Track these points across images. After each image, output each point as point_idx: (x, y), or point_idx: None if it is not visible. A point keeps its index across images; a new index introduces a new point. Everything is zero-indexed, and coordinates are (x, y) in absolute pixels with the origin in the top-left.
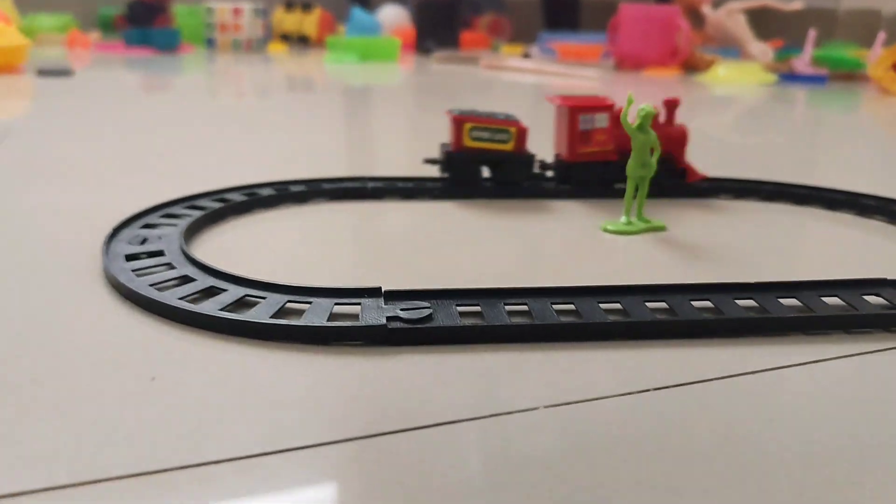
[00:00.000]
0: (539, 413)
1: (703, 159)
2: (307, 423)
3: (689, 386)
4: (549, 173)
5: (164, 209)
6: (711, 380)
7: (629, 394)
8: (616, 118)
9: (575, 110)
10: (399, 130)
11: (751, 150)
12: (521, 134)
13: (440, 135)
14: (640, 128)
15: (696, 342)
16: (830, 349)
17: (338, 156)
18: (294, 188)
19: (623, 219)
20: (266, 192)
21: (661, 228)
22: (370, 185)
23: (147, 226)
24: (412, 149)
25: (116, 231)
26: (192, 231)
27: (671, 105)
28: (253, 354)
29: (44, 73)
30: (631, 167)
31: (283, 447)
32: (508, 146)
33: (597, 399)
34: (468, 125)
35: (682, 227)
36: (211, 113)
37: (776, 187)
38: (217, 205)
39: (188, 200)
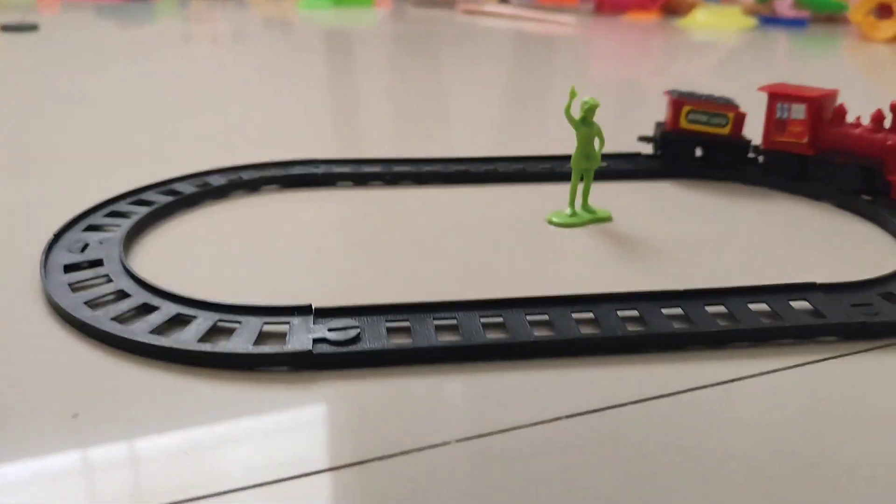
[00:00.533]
0: (451, 448)
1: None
2: (221, 463)
3: (608, 410)
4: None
5: (110, 206)
6: (625, 404)
7: (542, 422)
8: (815, 112)
9: (774, 97)
10: (380, 94)
11: None
12: (739, 119)
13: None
14: (584, 120)
15: (618, 359)
16: (751, 365)
17: (303, 132)
18: (246, 175)
19: (568, 210)
20: (217, 180)
21: (606, 219)
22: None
23: (90, 227)
24: (399, 120)
25: (57, 236)
26: (137, 231)
27: None
28: (179, 381)
29: (8, 28)
30: (575, 159)
31: (197, 494)
32: (724, 130)
33: (514, 429)
34: (686, 108)
35: (627, 218)
36: (182, 72)
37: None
38: (165, 199)
39: (135, 194)
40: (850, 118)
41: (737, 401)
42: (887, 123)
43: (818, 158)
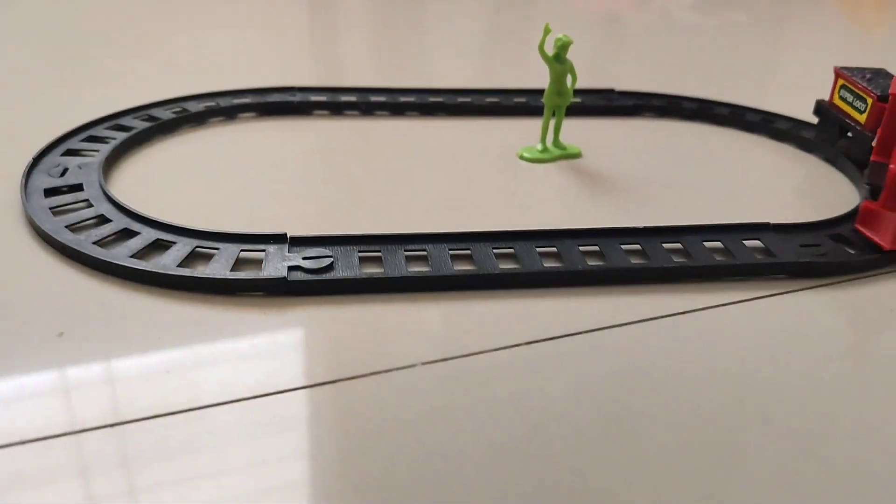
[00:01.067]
0: (417, 370)
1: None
2: (199, 381)
3: (564, 338)
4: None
5: (87, 130)
6: (580, 333)
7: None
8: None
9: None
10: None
11: (705, 40)
12: (876, 111)
13: None
14: (557, 57)
15: (578, 291)
16: (701, 299)
17: (280, 58)
18: (223, 102)
19: (539, 146)
20: (195, 106)
21: (576, 155)
22: (297, 97)
23: (69, 152)
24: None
25: (36, 161)
26: (115, 156)
27: None
28: (160, 304)
29: None
30: (547, 95)
31: (173, 409)
32: (862, 118)
33: (475, 354)
34: (840, 81)
35: (596, 154)
36: None
37: (700, 105)
38: (142, 124)
39: (112, 119)
40: None
41: (683, 332)
42: None
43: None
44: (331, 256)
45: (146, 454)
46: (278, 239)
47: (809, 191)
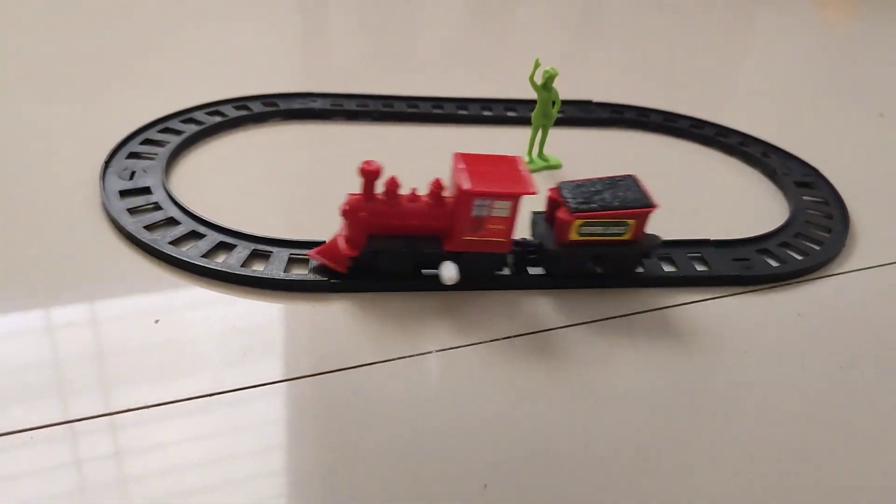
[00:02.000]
0: (430, 356)
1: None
2: (273, 360)
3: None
4: None
5: (143, 133)
6: (553, 329)
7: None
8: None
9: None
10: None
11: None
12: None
13: None
14: (544, 86)
15: (561, 293)
16: (650, 301)
17: (287, 62)
18: (255, 107)
19: (525, 157)
20: (230, 111)
21: (557, 166)
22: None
23: (132, 155)
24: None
25: (107, 163)
26: (173, 158)
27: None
28: (227, 299)
29: None
30: (535, 116)
31: (255, 382)
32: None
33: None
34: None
35: (573, 166)
36: None
37: (664, 118)
38: (190, 128)
39: (162, 122)
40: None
41: (635, 330)
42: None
43: None
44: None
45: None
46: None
47: (749, 205)
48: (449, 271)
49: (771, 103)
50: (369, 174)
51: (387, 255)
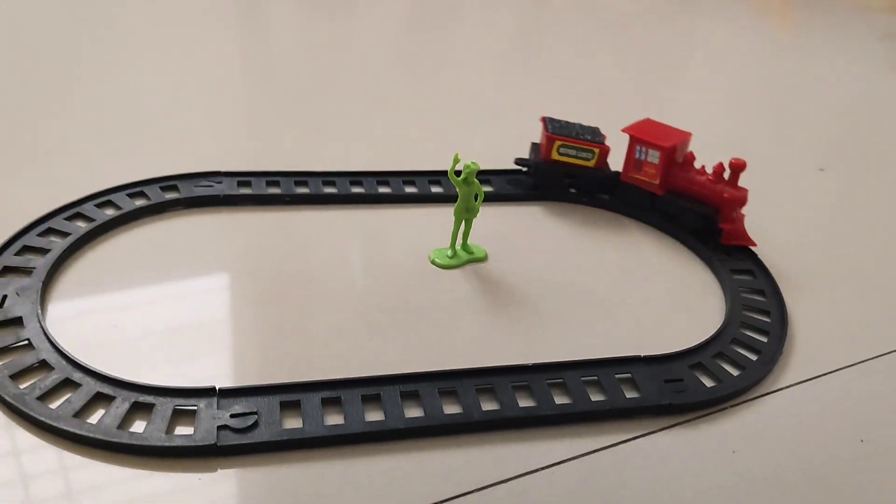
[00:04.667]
0: None
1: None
2: None
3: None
4: None
5: (22, 238)
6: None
7: None
8: (667, 158)
9: (634, 140)
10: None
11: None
12: (604, 154)
13: None
14: (465, 181)
15: (474, 439)
16: (571, 446)
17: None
18: (151, 194)
19: (449, 251)
20: (125, 201)
21: (482, 259)
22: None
23: (6, 270)
24: None
25: None
26: (53, 272)
27: (736, 168)
28: (96, 467)
29: None
30: (457, 210)
31: None
32: (591, 163)
33: None
34: (558, 143)
35: (498, 257)
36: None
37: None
38: (76, 227)
39: (43, 222)
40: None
41: (557, 486)
42: (726, 176)
43: (666, 198)
44: (255, 413)
45: None
46: (208, 393)
47: (685, 301)
48: None
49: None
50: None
51: None
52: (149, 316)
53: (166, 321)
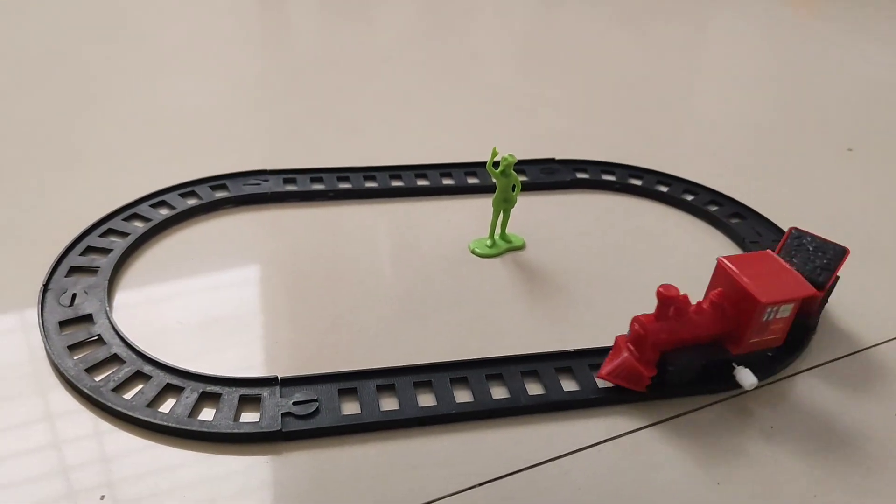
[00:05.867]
0: None
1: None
2: None
3: (514, 475)
4: None
5: (84, 240)
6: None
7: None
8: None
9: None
10: None
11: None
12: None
13: None
14: (503, 173)
15: (524, 420)
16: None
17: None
18: (203, 193)
19: (488, 241)
20: (178, 200)
21: (520, 247)
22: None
23: (73, 269)
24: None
25: (45, 286)
26: (116, 271)
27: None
28: (169, 452)
29: None
30: (495, 201)
31: None
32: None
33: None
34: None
35: (536, 245)
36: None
37: (629, 173)
38: (133, 226)
39: (104, 223)
40: None
41: (604, 462)
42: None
43: None
44: (316, 401)
45: None
46: (270, 382)
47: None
48: (749, 377)
49: (735, 143)
50: (667, 300)
51: (682, 369)
52: (208, 309)
53: (225, 314)
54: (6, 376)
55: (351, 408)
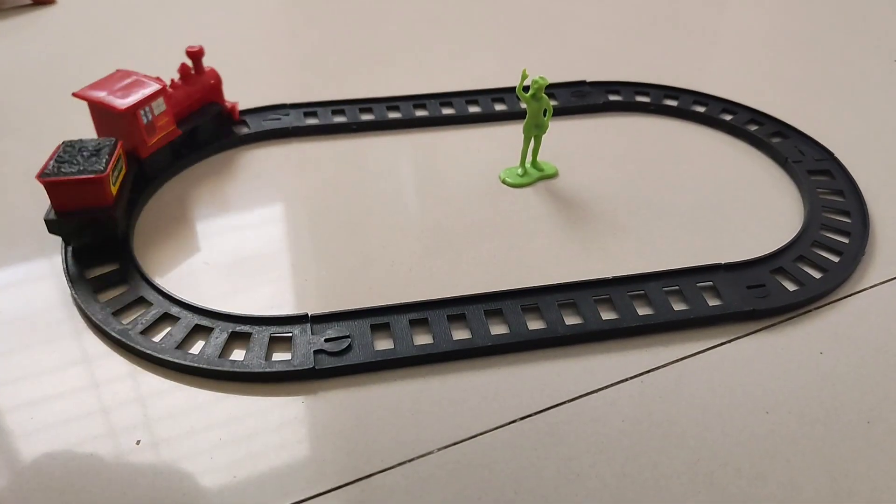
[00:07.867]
0: (434, 457)
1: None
2: (256, 460)
3: (557, 408)
4: None
5: None
6: (561, 404)
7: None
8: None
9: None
10: None
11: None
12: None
13: None
14: (534, 96)
15: (559, 353)
16: (662, 354)
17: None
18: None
19: (519, 170)
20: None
21: (552, 175)
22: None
23: None
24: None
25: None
26: (138, 212)
27: (195, 56)
28: (208, 399)
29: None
30: (526, 127)
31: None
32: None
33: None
34: None
35: (569, 172)
36: None
37: (664, 94)
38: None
39: None
40: None
41: (648, 393)
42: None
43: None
44: (348, 337)
45: None
46: (301, 320)
47: (761, 202)
48: None
49: (774, 57)
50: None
51: None
52: (234, 248)
53: (251, 253)
54: (35, 323)
55: (384, 343)
